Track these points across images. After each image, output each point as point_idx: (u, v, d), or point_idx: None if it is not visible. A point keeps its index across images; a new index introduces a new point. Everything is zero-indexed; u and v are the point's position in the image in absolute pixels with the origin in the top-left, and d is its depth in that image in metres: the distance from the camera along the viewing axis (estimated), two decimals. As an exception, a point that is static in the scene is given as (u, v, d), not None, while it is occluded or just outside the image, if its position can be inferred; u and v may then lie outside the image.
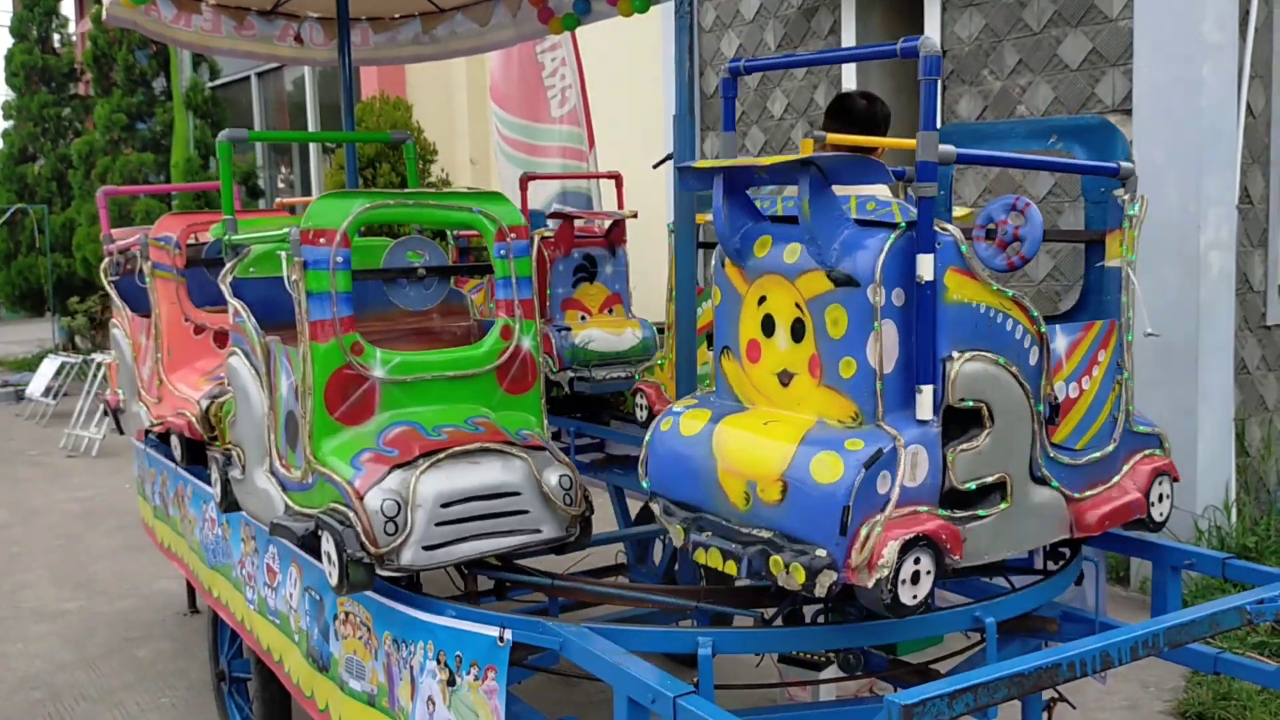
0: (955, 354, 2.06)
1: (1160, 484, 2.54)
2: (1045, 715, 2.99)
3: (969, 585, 2.90)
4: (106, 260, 4.37)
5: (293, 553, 3.03)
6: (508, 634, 2.30)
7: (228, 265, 3.03)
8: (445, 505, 2.44)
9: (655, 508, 2.43)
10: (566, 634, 2.28)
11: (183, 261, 3.77)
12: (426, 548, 2.42)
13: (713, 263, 2.45)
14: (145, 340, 4.05)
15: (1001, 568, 2.83)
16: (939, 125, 2.05)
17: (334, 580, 2.42)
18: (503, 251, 2.74)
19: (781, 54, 6.82)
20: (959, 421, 2.09)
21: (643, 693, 2.01)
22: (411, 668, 2.49)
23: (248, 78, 14.24)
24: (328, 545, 2.42)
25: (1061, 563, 2.71)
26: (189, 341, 3.80)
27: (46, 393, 11.24)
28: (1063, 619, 2.83)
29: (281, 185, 14.76)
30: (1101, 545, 2.86)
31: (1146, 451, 2.59)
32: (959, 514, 2.06)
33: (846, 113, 3.84)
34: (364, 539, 2.36)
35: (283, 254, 2.59)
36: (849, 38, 6.43)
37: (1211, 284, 4.99)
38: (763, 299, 2.25)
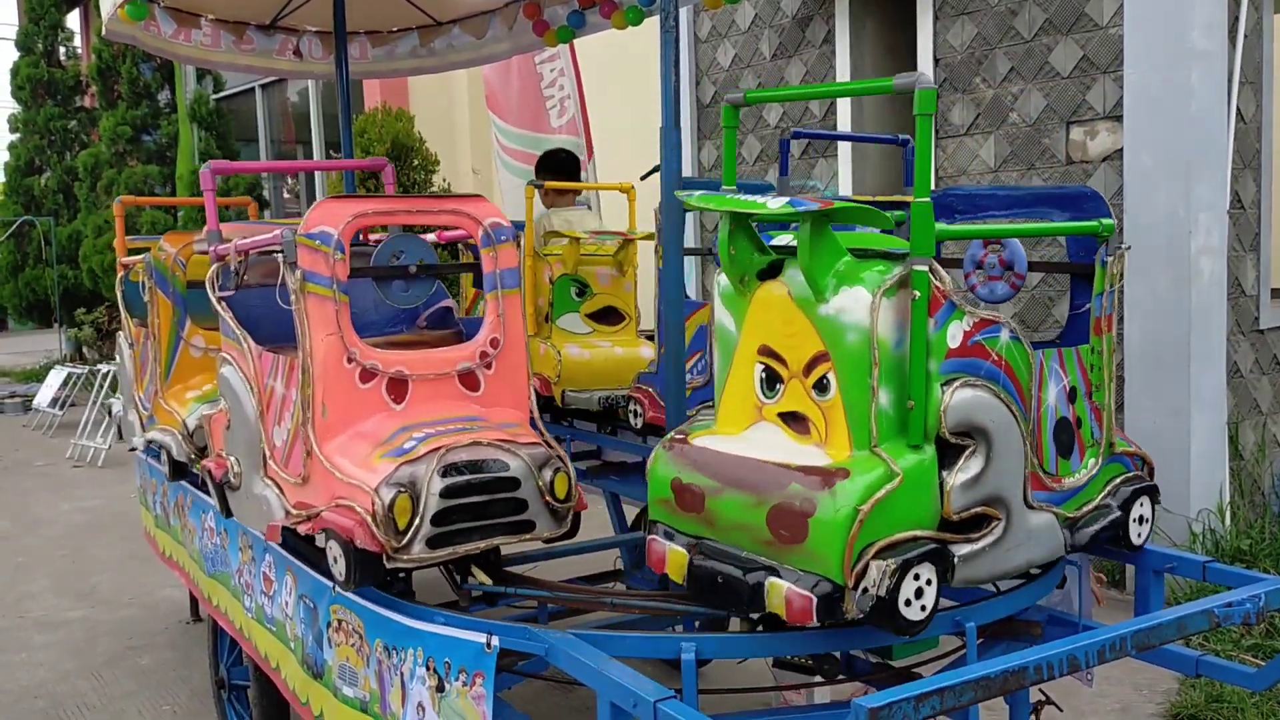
0: None
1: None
2: (1033, 717, 3.02)
3: (958, 590, 2.94)
4: (215, 266, 3.14)
5: (288, 561, 3.07)
6: (495, 640, 2.34)
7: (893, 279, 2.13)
8: None
9: None
10: (552, 640, 2.33)
11: (345, 271, 2.73)
12: None
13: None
14: (283, 388, 2.84)
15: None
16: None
17: (1146, 533, 2.63)
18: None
19: (775, 64, 6.87)
20: None
21: (624, 697, 2.05)
22: (402, 674, 2.54)
23: (252, 89, 14.33)
24: (1141, 509, 2.60)
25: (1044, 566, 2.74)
26: (354, 393, 2.70)
27: (53, 403, 11.32)
28: (1048, 623, 2.86)
29: (287, 195, 14.84)
30: (1083, 549, 2.90)
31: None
32: None
33: (558, 163, 5.45)
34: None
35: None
36: (843, 47, 6.48)
37: (1203, 288, 5.02)
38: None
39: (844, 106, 6.52)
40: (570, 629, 2.40)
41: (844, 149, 6.55)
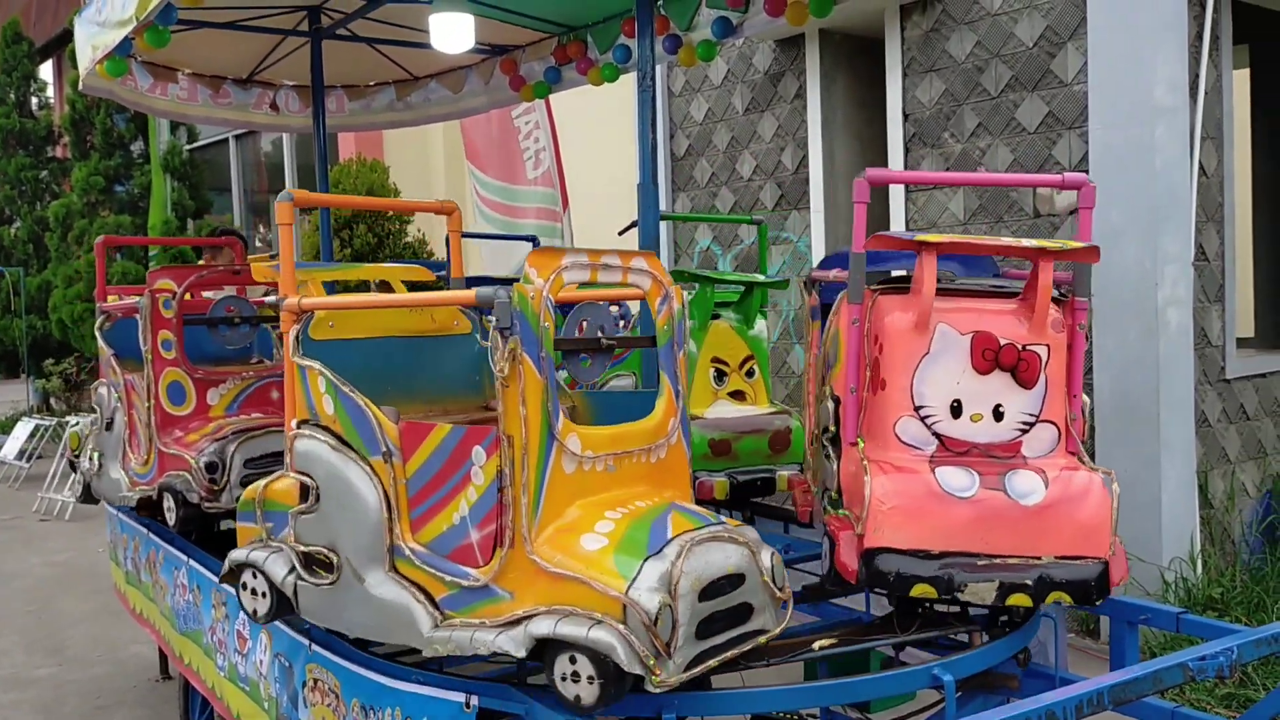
0: None
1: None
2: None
3: (934, 644, 2.94)
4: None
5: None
6: (474, 700, 2.32)
7: None
8: None
9: None
10: (533, 699, 2.31)
11: None
12: None
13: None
14: None
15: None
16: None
17: None
18: None
19: (748, 118, 6.97)
20: None
21: (605, 757, 2.05)
22: (380, 734, 2.51)
23: (225, 140, 14.36)
24: None
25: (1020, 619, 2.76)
26: None
27: (20, 455, 11.16)
28: (1024, 675, 2.88)
29: (259, 245, 14.81)
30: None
31: None
32: None
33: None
34: None
35: None
36: (814, 102, 6.59)
37: (1171, 339, 5.10)
38: None
39: (815, 160, 6.61)
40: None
41: (816, 199, 6.63)
